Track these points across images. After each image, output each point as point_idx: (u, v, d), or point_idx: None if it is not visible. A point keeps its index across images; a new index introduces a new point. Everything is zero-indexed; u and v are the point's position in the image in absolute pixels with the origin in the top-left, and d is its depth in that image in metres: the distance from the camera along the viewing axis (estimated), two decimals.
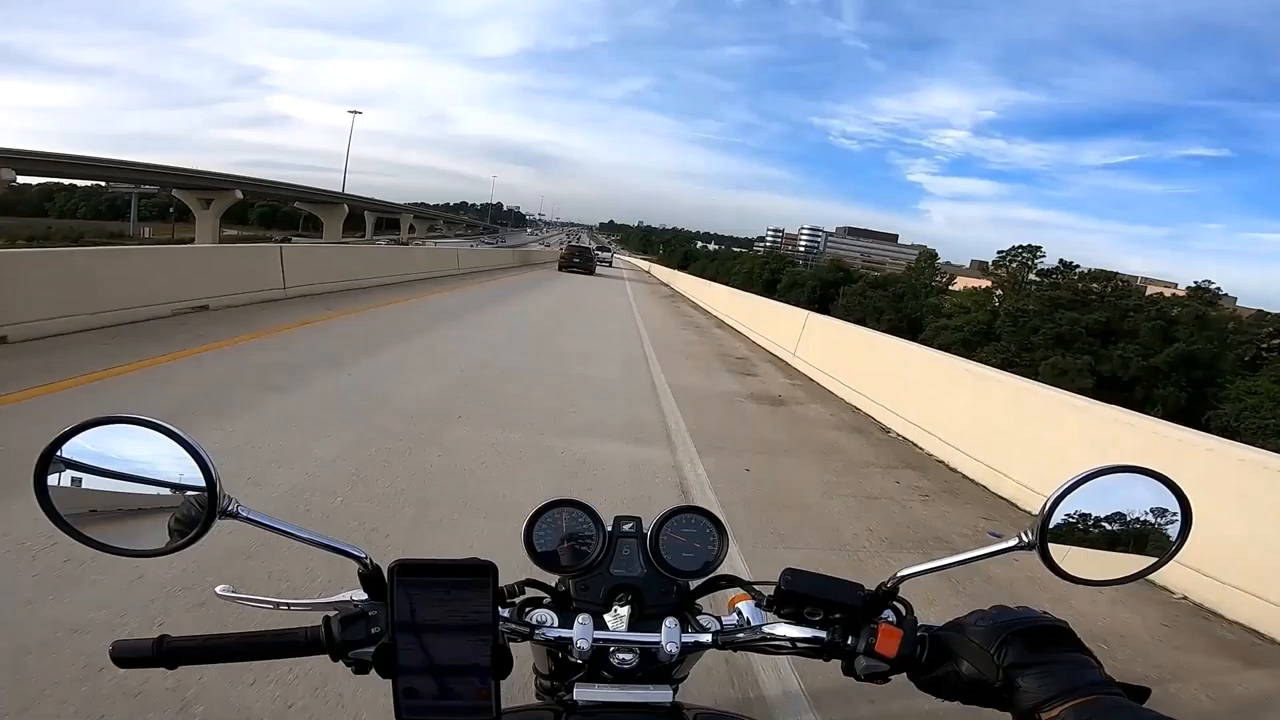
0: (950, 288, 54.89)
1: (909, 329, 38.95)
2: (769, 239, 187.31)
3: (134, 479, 0.55)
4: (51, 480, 0.53)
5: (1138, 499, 0.59)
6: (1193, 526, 0.59)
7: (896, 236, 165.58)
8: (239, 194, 51.25)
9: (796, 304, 15.06)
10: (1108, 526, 0.60)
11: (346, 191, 71.57)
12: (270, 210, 73.76)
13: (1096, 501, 0.59)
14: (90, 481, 0.54)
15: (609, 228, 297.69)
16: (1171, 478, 0.59)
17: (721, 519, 0.77)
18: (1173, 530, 0.59)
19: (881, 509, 3.63)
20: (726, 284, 21.13)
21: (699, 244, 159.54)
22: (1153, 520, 0.59)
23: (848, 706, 1.89)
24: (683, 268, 53.77)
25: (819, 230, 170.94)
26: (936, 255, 65.14)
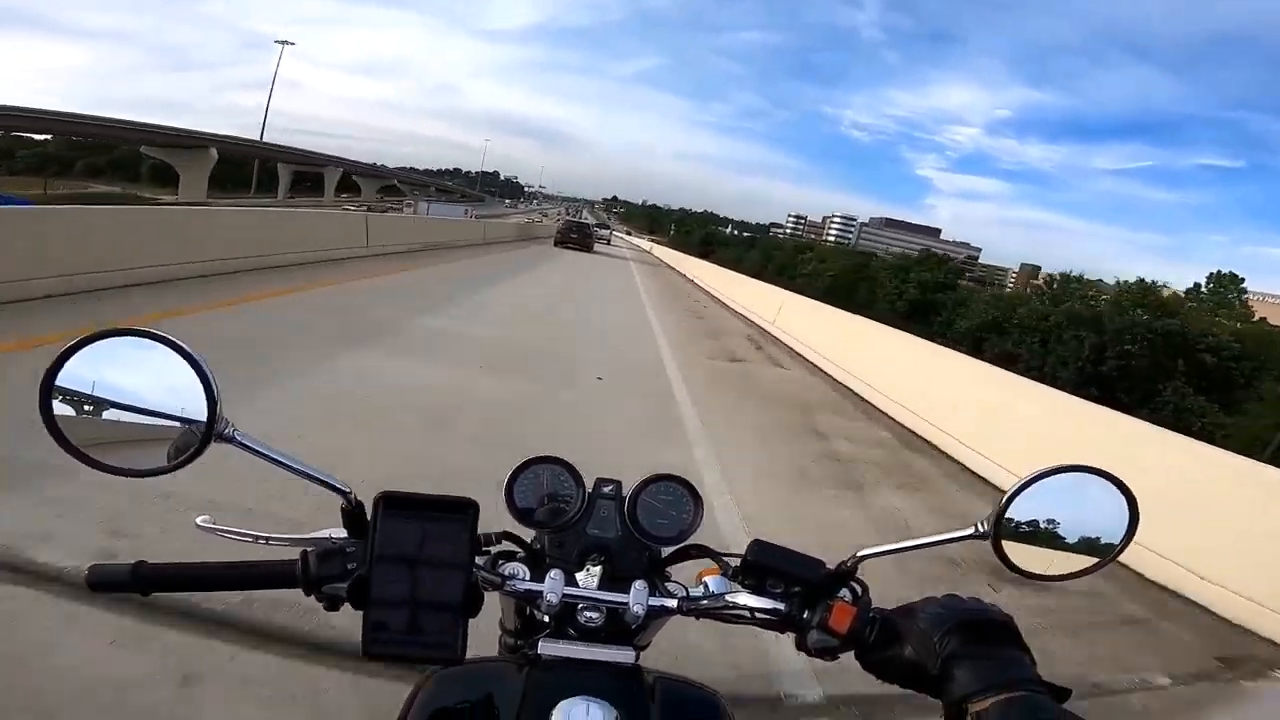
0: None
1: None
2: (789, 226, 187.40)
3: (138, 397, 0.59)
4: (59, 403, 0.57)
5: (1089, 497, 0.69)
6: (1139, 527, 0.68)
7: (940, 231, 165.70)
8: None
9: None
10: (1059, 522, 0.69)
11: (266, 140, 62.36)
12: (133, 157, 58.87)
13: (1051, 498, 0.69)
14: (97, 395, 0.58)
15: (613, 204, 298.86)
16: (1122, 479, 0.69)
17: (700, 491, 0.84)
18: (1120, 528, 0.69)
19: None
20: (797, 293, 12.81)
21: (717, 227, 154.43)
22: (1101, 518, 0.69)
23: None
24: (704, 255, 41.21)
25: (852, 220, 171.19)
26: (1242, 280, 44.01)
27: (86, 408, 0.59)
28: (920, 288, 41.45)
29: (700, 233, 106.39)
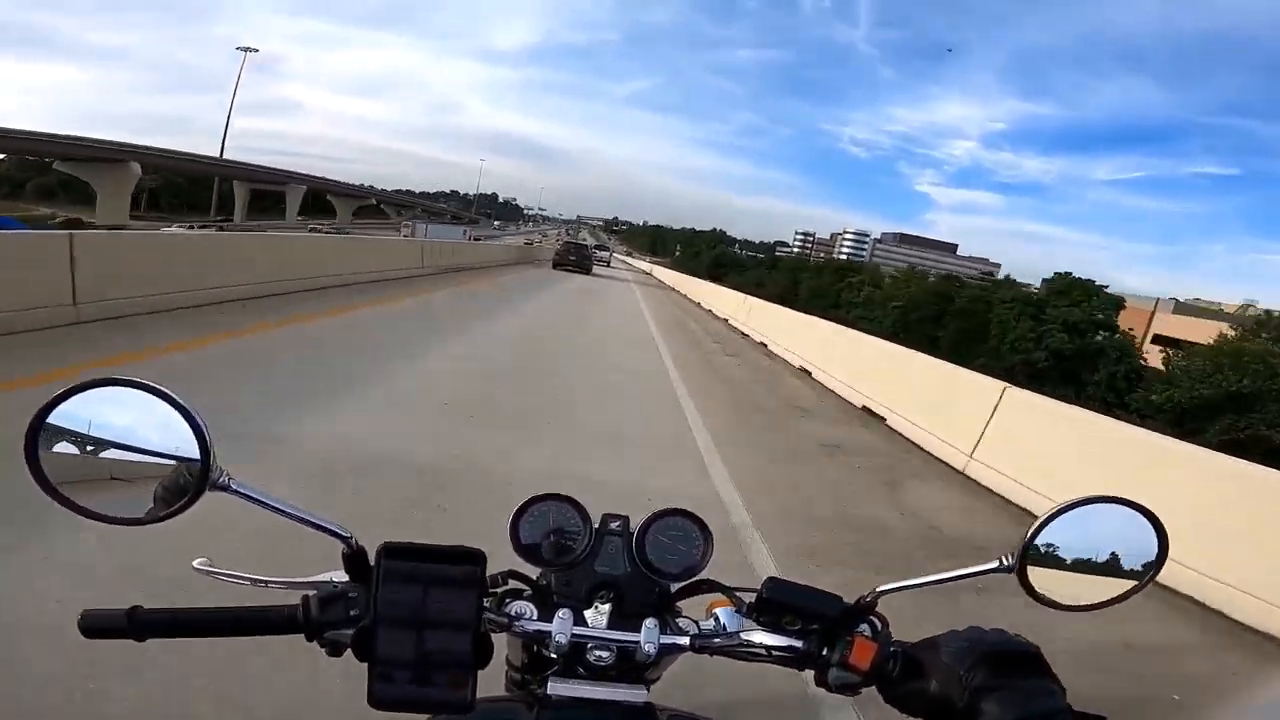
0: None
1: None
2: (797, 245, 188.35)
3: (128, 446, 0.59)
4: (44, 443, 0.57)
5: (1116, 527, 0.69)
6: (1168, 556, 0.69)
7: (956, 247, 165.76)
8: None
9: None
10: (1086, 553, 0.69)
11: (227, 157, 57.88)
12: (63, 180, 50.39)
13: (1076, 529, 0.69)
14: (83, 445, 0.58)
15: (614, 224, 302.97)
16: (1149, 508, 0.69)
17: (708, 524, 0.84)
18: (1148, 558, 0.69)
19: None
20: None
21: (726, 247, 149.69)
22: (1129, 547, 0.69)
23: None
24: (714, 278, 37.37)
25: (864, 236, 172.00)
26: None
27: (76, 454, 0.58)
28: (1068, 330, 29.63)
29: (710, 254, 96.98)
